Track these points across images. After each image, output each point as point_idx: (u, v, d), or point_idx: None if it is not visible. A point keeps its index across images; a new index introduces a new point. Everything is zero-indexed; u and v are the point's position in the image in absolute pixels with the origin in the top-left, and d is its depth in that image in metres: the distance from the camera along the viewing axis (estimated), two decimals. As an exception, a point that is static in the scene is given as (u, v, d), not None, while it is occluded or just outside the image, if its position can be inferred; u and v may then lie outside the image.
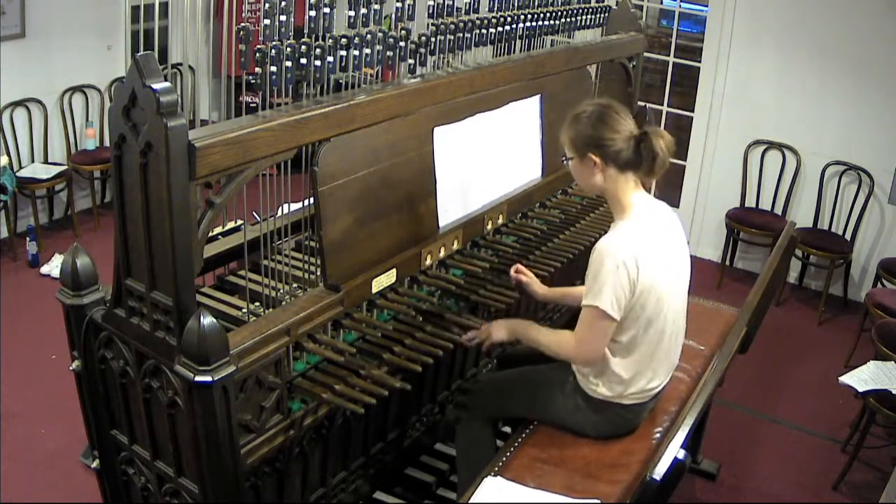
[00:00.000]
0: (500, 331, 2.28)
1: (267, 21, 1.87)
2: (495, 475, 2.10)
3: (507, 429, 2.74)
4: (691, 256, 2.31)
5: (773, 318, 4.01)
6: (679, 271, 2.18)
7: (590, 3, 3.29)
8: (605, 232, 2.96)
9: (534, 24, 2.89)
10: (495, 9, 2.72)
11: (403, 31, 2.28)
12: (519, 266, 2.46)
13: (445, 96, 2.39)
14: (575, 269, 3.11)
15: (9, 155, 4.72)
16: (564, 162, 2.16)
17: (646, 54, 3.91)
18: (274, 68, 1.90)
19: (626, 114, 2.10)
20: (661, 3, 6.47)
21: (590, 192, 2.19)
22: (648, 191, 2.18)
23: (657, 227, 2.12)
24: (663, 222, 2.15)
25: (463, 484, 2.36)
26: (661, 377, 2.24)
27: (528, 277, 2.44)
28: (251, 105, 2.03)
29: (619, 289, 2.00)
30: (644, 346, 2.13)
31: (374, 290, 2.19)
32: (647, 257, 2.03)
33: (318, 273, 2.12)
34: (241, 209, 2.14)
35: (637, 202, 2.10)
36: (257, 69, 1.88)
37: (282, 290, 2.09)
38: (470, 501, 2.01)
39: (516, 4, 2.81)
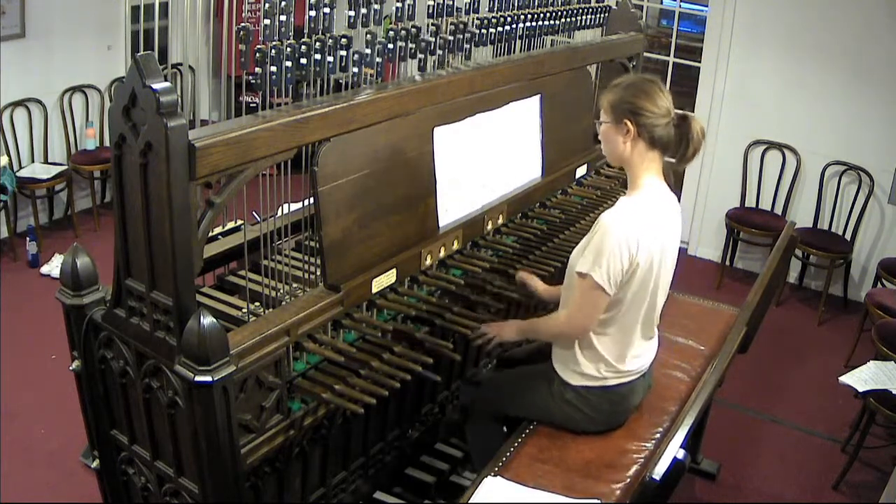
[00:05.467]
0: (510, 331, 2.30)
1: (267, 21, 1.87)
2: (495, 475, 2.10)
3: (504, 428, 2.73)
4: (691, 256, 2.32)
5: (773, 318, 4.01)
6: (670, 258, 2.19)
7: (590, 3, 3.29)
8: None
9: (534, 24, 2.89)
10: (495, 9, 2.72)
11: (404, 31, 2.28)
12: (523, 271, 2.50)
13: (445, 96, 2.40)
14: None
15: (9, 155, 4.72)
16: (597, 124, 2.17)
17: (646, 54, 3.91)
18: (274, 68, 1.90)
19: (667, 92, 2.12)
20: (661, 3, 6.48)
21: (611, 161, 2.20)
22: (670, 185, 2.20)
23: (661, 212, 2.13)
24: (666, 208, 2.16)
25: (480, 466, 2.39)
26: (641, 353, 2.24)
27: (531, 280, 2.47)
28: (251, 105, 2.03)
29: (618, 265, 2.02)
30: (625, 325, 2.15)
31: (374, 290, 2.19)
32: (647, 239, 2.05)
33: (318, 273, 2.12)
34: (241, 209, 2.14)
35: (649, 183, 2.12)
36: (257, 69, 1.88)
37: (282, 290, 2.09)
38: (470, 501, 2.01)
39: (516, 4, 2.81)
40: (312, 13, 1.97)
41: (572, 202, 3.10)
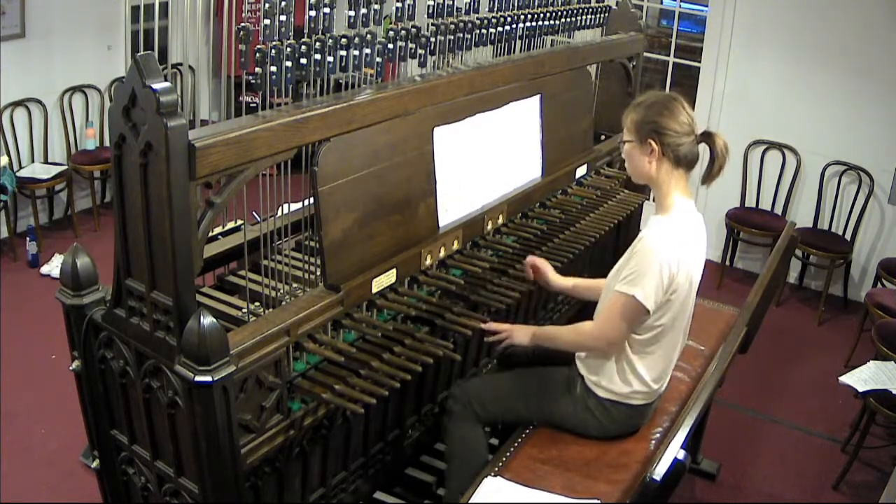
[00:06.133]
0: (523, 336, 2.29)
1: (267, 21, 1.87)
2: (495, 475, 2.10)
3: (495, 440, 2.71)
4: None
5: (773, 318, 4.01)
6: (698, 278, 2.20)
7: (590, 3, 3.29)
8: (607, 232, 3.00)
9: (534, 24, 2.89)
10: (495, 9, 2.72)
11: (404, 31, 2.28)
12: (532, 256, 2.51)
13: (445, 96, 2.39)
14: (575, 269, 3.12)
15: (9, 155, 4.72)
16: (621, 145, 2.18)
17: (646, 54, 3.92)
18: (274, 68, 1.90)
19: (690, 110, 2.13)
20: (661, 3, 6.47)
21: (637, 180, 2.21)
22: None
23: (692, 233, 2.14)
24: (696, 228, 2.17)
25: (452, 490, 2.33)
26: (668, 377, 2.26)
27: (542, 264, 2.48)
28: (251, 105, 2.03)
29: (660, 285, 2.03)
30: (665, 346, 2.16)
31: (374, 290, 2.19)
32: (685, 259, 2.07)
33: (318, 273, 2.12)
34: (241, 209, 2.14)
35: (679, 201, 2.12)
36: (257, 69, 1.88)
37: (282, 290, 2.09)
38: (470, 501, 2.01)
39: (516, 4, 2.81)
40: (312, 13, 1.97)
41: (572, 202, 3.10)
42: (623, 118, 2.15)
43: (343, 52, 2.07)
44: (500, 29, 2.69)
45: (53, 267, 4.49)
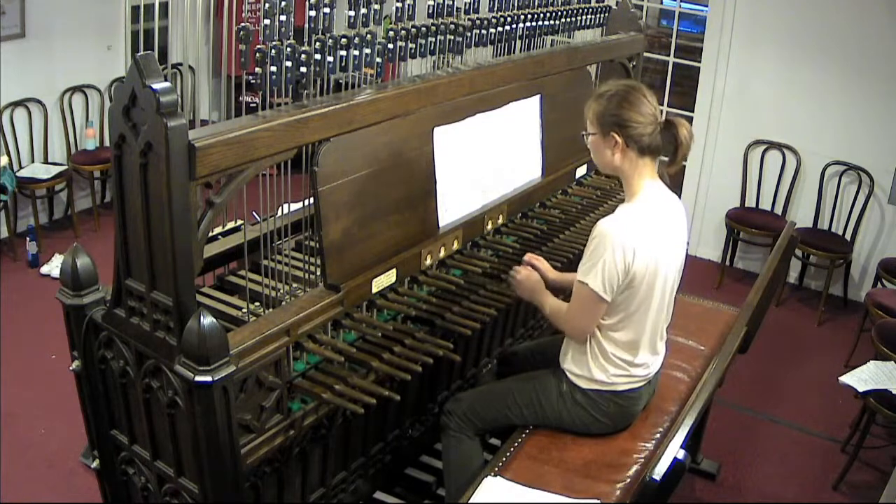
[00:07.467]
0: (524, 291, 2.33)
1: (267, 21, 1.87)
2: (495, 475, 2.10)
3: (496, 441, 2.71)
4: (691, 256, 2.32)
5: (773, 318, 4.02)
6: (674, 263, 2.18)
7: (590, 3, 3.29)
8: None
9: (534, 24, 2.89)
10: (495, 9, 2.72)
11: (404, 31, 2.28)
12: (531, 255, 2.49)
13: (445, 96, 2.39)
14: (575, 269, 3.11)
15: (9, 155, 4.72)
16: (584, 136, 2.17)
17: (646, 54, 3.91)
18: (274, 68, 1.90)
19: (652, 97, 2.10)
20: (661, 3, 6.48)
21: (603, 171, 2.22)
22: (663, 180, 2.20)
23: (660, 216, 2.13)
24: (668, 212, 2.15)
25: (452, 495, 2.34)
26: (650, 362, 2.24)
27: (540, 263, 2.46)
28: (251, 105, 2.03)
29: (613, 272, 2.03)
30: (631, 330, 2.14)
31: (374, 290, 2.19)
32: (646, 245, 2.05)
33: (318, 273, 2.12)
34: (241, 209, 2.14)
35: (647, 188, 2.11)
36: (257, 69, 1.88)
37: (282, 290, 2.09)
38: (470, 501, 2.01)
39: (516, 4, 2.81)
40: (312, 13, 1.97)
41: (572, 202, 3.10)
42: (585, 109, 2.14)
43: (343, 52, 2.07)
44: (500, 29, 2.69)
45: (53, 267, 4.49)
